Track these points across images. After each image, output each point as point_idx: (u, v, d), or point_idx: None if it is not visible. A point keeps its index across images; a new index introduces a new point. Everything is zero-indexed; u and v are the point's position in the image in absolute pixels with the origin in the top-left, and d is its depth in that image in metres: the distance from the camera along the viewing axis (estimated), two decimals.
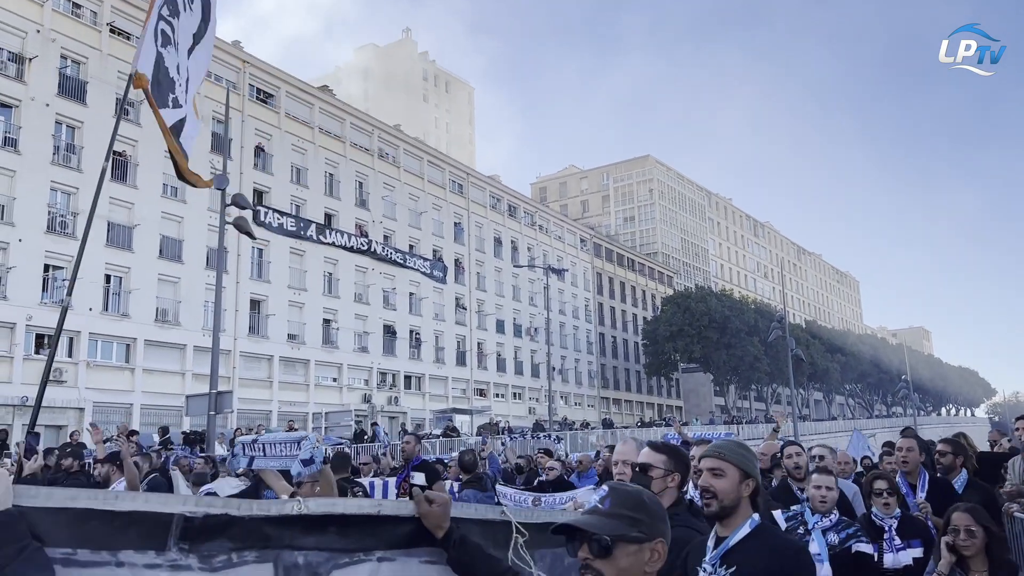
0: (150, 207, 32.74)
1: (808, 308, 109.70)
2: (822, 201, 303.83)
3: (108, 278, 31.19)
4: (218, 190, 17.56)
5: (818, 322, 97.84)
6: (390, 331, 44.46)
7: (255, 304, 37.05)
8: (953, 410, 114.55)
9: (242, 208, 17.24)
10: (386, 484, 8.88)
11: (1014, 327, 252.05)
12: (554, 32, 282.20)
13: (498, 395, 52.51)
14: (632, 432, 44.48)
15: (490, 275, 54.28)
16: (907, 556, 4.52)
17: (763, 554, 2.48)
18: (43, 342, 29.07)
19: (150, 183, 32.95)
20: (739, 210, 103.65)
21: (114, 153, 32.08)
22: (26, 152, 28.94)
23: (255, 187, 37.08)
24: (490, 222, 55.56)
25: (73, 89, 30.93)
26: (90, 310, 29.99)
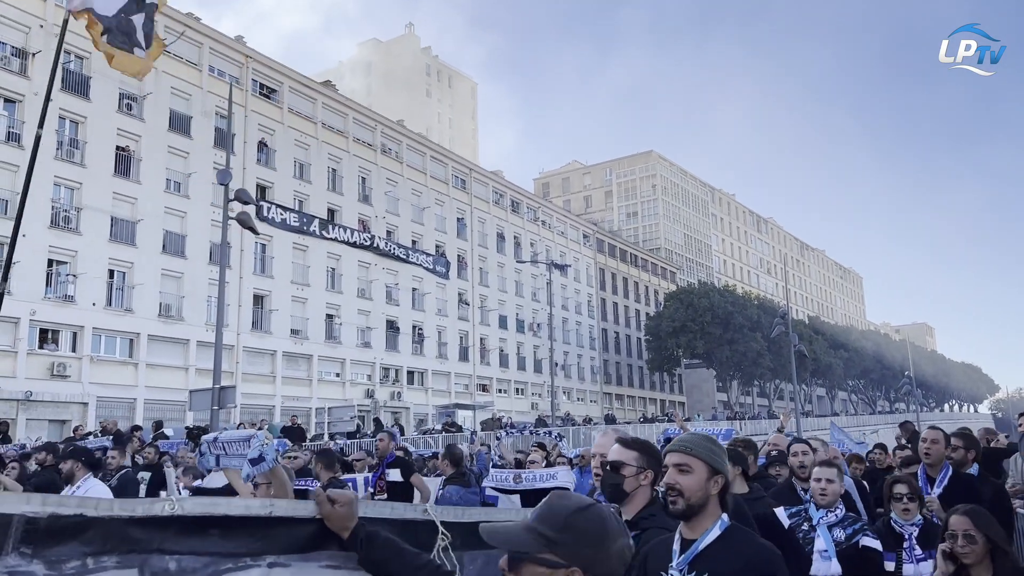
0: (153, 202, 32.77)
1: (811, 304, 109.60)
2: (825, 197, 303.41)
3: (111, 273, 31.25)
4: (221, 185, 17.60)
5: (821, 318, 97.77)
6: (393, 326, 44.49)
7: (258, 299, 37.10)
8: (956, 406, 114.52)
9: (245, 203, 17.28)
10: (366, 479, 8.78)
11: (1017, 323, 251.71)
12: (553, 26, 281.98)
13: (501, 391, 52.56)
14: (634, 428, 44.52)
15: (493, 271, 54.28)
16: (928, 567, 4.15)
17: (736, 559, 2.34)
18: (47, 337, 29.17)
19: (153, 178, 32.99)
20: (742, 205, 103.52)
21: (117, 148, 32.18)
22: (29, 147, 28.88)
23: (258, 182, 37.09)
24: (493, 217, 55.54)
25: (76, 84, 30.94)
26: (93, 305, 30.06)
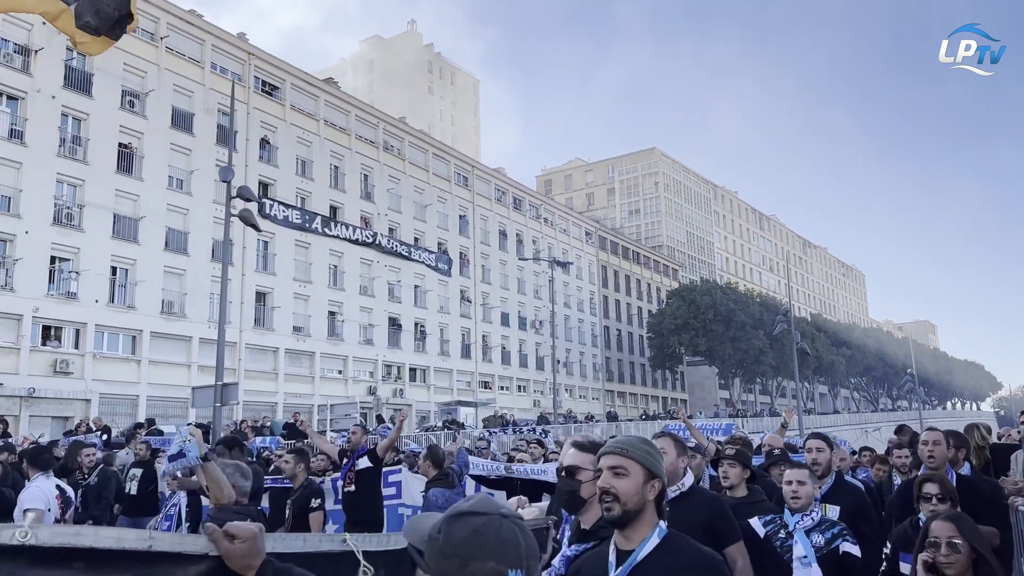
0: (156, 199, 32.80)
1: (813, 301, 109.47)
2: (828, 194, 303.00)
3: (114, 270, 31.28)
4: (224, 182, 17.60)
5: (823, 315, 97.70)
6: (395, 323, 44.52)
7: (260, 296, 37.13)
8: (959, 404, 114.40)
9: (247, 200, 17.27)
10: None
11: (1020, 321, 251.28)
12: (551, 22, 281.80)
13: (503, 388, 52.57)
14: (636, 426, 44.52)
15: (495, 268, 54.27)
16: None
17: (677, 569, 2.23)
18: (49, 334, 29.21)
19: (156, 175, 33.01)
20: (745, 203, 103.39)
21: (120, 145, 32.20)
22: (32, 144, 28.99)
23: (260, 179, 37.10)
24: (495, 215, 55.52)
25: (79, 81, 30.95)
26: (96, 302, 30.09)
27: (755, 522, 4.09)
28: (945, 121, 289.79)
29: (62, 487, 6.05)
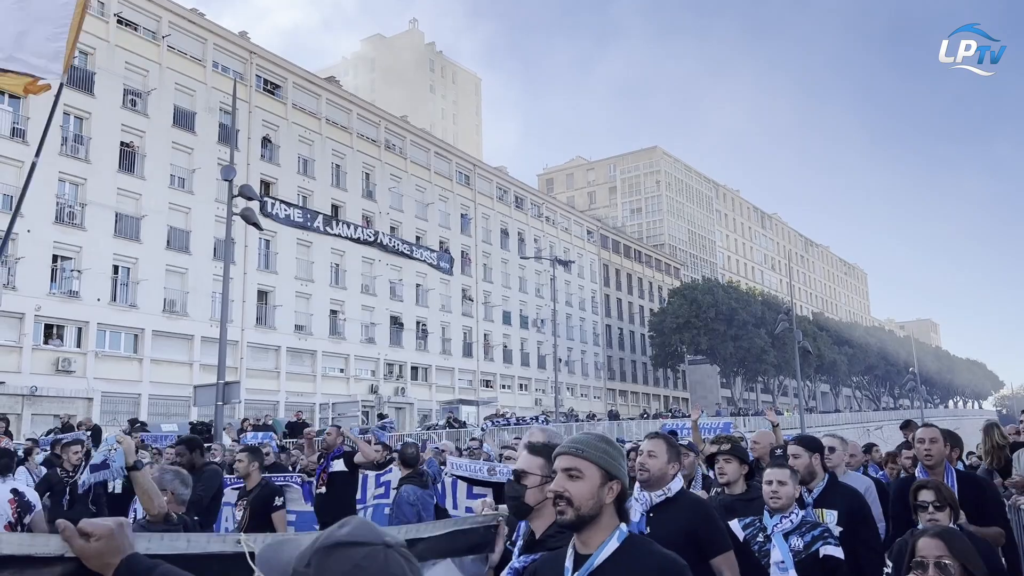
0: (157, 198, 32.81)
1: (815, 300, 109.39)
2: (830, 193, 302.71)
3: (116, 269, 31.30)
4: (225, 181, 17.60)
5: (825, 314, 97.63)
6: (397, 322, 44.52)
7: (262, 295, 37.14)
8: (960, 403, 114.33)
9: (249, 199, 17.28)
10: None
11: (1022, 320, 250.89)
12: (549, 17, 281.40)
13: (504, 386, 52.58)
14: (637, 424, 44.47)
15: (497, 266, 54.26)
16: None
17: (638, 574, 2.14)
18: (52, 332, 29.24)
19: (157, 174, 33.02)
20: (746, 202, 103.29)
21: (122, 144, 32.21)
22: (34, 143, 28.99)
23: (262, 178, 37.12)
24: (497, 213, 55.50)
25: (81, 80, 30.96)
26: (98, 300, 30.12)
27: (735, 525, 3.90)
28: (947, 119, 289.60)
29: (19, 490, 5.83)
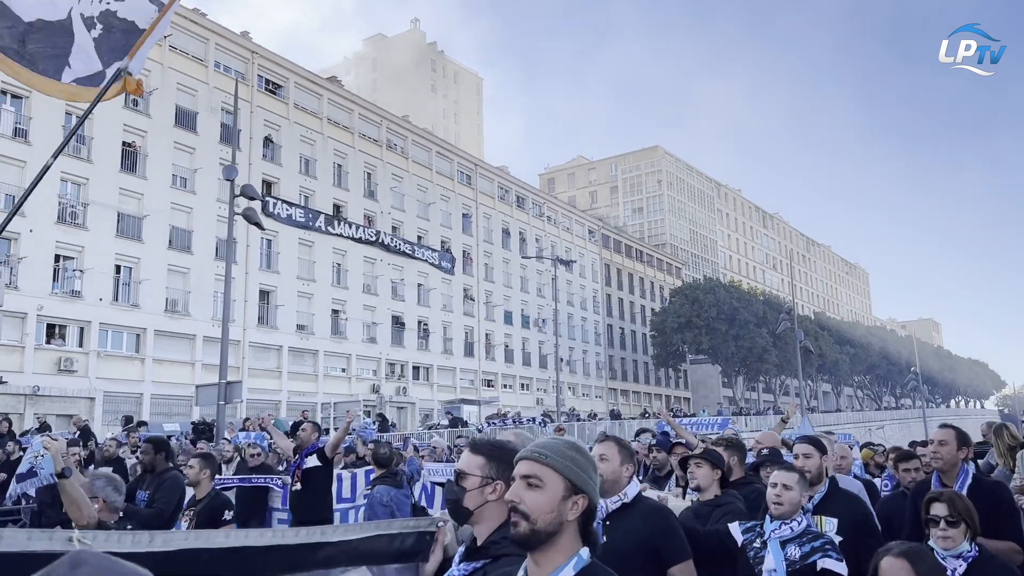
0: (159, 198, 32.84)
1: (817, 300, 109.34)
2: (831, 192, 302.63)
3: (118, 268, 31.34)
4: (227, 181, 17.62)
5: (827, 314, 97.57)
6: (398, 322, 44.54)
7: (264, 295, 37.16)
8: (962, 402, 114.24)
9: (251, 199, 17.31)
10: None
11: None
12: (548, 13, 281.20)
13: (506, 386, 52.58)
14: (638, 424, 44.42)
15: (498, 266, 54.27)
16: None
17: None
18: (54, 332, 29.27)
19: (159, 174, 33.05)
20: (748, 201, 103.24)
21: (124, 144, 32.23)
22: (36, 142, 29.04)
23: (264, 178, 37.13)
24: (498, 213, 55.51)
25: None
26: (100, 300, 30.15)
27: (735, 527, 3.72)
28: (949, 118, 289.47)
29: None
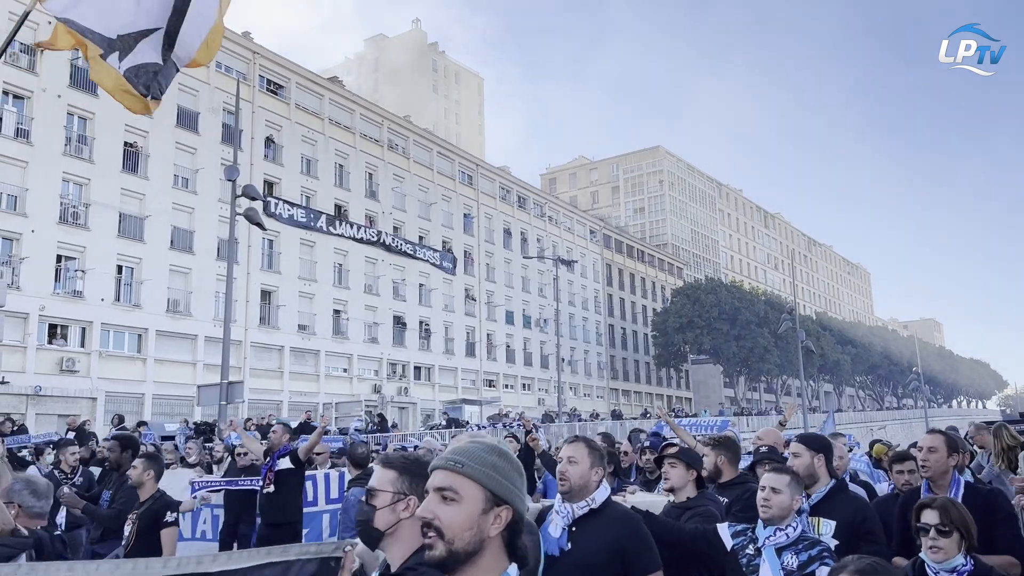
0: (161, 198, 32.88)
1: (818, 300, 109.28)
2: (833, 192, 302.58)
3: (120, 269, 31.37)
4: (229, 181, 17.65)
5: (828, 314, 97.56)
6: (400, 322, 44.56)
7: (266, 295, 37.20)
8: (964, 402, 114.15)
9: (252, 199, 17.33)
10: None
11: None
12: (547, 15, 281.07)
13: (507, 386, 52.60)
14: (639, 424, 44.44)
15: (500, 266, 54.28)
16: None
17: None
18: (55, 332, 29.30)
19: (161, 174, 33.08)
20: (749, 201, 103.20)
21: (125, 144, 32.27)
22: (38, 143, 29.08)
23: (265, 178, 37.16)
24: (500, 213, 55.52)
25: (85, 80, 30.96)
26: (102, 300, 30.19)
27: (723, 529, 3.55)
28: (949, 118, 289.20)
29: None
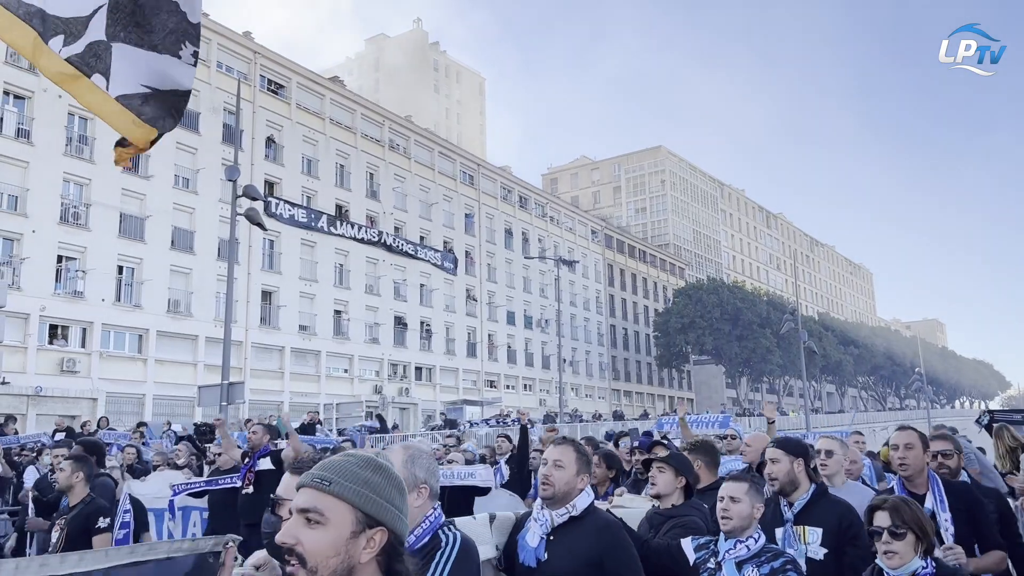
0: (162, 198, 32.83)
1: (821, 300, 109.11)
2: (835, 192, 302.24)
3: (120, 269, 31.34)
4: (230, 181, 17.57)
5: (831, 314, 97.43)
6: (401, 322, 44.49)
7: (266, 295, 37.14)
8: (967, 403, 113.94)
9: (253, 199, 17.25)
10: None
11: None
12: (546, 14, 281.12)
13: (508, 386, 52.51)
14: (639, 425, 44.30)
15: (501, 266, 54.21)
16: None
17: None
18: (56, 332, 29.26)
19: (162, 174, 33.03)
20: (752, 201, 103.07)
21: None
22: (39, 143, 29.04)
23: (266, 178, 37.11)
24: (501, 213, 55.44)
25: None
26: (103, 301, 30.15)
27: (687, 544, 3.40)
28: (950, 118, 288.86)
29: None
